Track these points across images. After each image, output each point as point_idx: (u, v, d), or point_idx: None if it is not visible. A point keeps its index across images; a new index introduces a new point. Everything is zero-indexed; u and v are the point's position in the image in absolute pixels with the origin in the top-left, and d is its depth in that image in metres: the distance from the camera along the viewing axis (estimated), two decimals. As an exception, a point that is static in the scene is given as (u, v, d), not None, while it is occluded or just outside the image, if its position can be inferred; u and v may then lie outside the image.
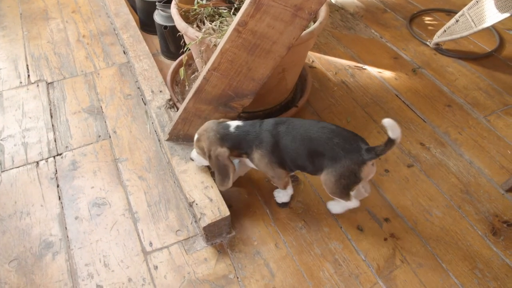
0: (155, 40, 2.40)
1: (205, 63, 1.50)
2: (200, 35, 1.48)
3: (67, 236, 1.51)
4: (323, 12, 1.63)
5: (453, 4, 2.64)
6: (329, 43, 2.39)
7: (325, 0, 1.24)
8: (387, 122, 1.21)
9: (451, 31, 2.19)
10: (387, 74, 2.17)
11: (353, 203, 1.45)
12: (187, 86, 1.83)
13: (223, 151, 1.38)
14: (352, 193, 1.39)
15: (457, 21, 2.17)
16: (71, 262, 1.44)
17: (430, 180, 1.69)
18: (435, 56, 2.26)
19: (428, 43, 2.31)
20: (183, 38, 1.67)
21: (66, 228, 1.53)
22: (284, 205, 1.60)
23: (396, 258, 1.45)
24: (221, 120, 1.46)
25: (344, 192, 1.37)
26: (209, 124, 1.43)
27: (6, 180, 1.68)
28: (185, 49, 1.53)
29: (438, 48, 2.29)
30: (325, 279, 1.40)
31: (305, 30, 1.29)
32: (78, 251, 1.47)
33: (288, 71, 1.67)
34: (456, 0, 2.68)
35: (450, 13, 2.53)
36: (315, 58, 2.29)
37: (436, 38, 2.25)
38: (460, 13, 2.16)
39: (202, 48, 1.50)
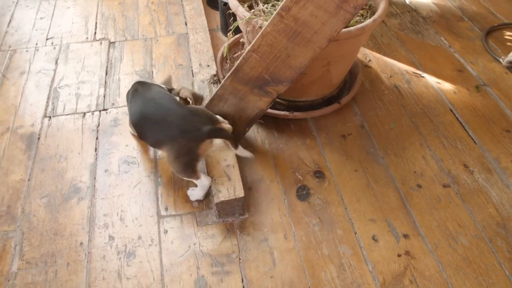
0: (218, 15, 2.43)
1: (249, 44, 1.50)
2: (248, 15, 1.48)
3: (94, 186, 1.61)
4: (380, 9, 1.54)
5: (543, 21, 2.37)
6: (391, 44, 2.27)
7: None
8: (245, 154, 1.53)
9: (530, 50, 1.98)
10: (446, 86, 2.02)
11: (204, 180, 1.49)
12: (228, 64, 1.84)
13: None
14: (200, 171, 1.49)
15: (539, 40, 1.95)
16: (92, 210, 1.54)
17: (465, 206, 1.56)
18: (506, 75, 2.06)
19: (501, 60, 2.11)
20: (232, 17, 1.68)
21: (95, 178, 1.64)
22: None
23: (406, 278, 1.38)
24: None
25: (188, 170, 1.45)
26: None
27: (55, 124, 1.83)
28: (232, 27, 1.54)
29: (511, 67, 2.08)
30: (325, 281, 1.37)
31: (347, 24, 1.23)
32: (101, 201, 1.56)
33: (333, 64, 1.62)
34: (548, 18, 2.40)
35: (537, 31, 2.28)
36: (373, 57, 2.19)
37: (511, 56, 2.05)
38: (544, 32, 1.94)
39: (248, 29, 1.50)
